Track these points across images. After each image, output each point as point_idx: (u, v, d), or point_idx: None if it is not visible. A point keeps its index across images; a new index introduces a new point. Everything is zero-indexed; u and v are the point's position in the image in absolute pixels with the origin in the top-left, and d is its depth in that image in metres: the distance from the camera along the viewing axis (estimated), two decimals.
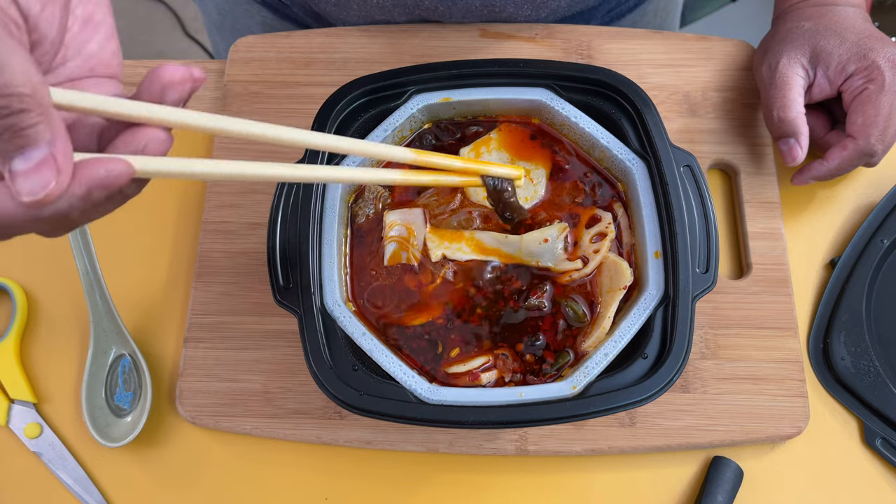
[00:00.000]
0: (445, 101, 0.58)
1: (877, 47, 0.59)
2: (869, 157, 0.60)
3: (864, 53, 0.59)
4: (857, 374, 0.60)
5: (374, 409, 0.49)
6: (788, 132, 0.60)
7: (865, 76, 0.59)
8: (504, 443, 0.58)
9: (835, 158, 0.60)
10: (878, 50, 0.59)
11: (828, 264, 0.64)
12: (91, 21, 0.37)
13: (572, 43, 0.70)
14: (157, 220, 0.66)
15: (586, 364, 0.50)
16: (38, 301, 0.64)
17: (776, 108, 0.61)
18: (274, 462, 0.59)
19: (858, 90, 0.59)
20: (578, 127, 0.57)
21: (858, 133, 0.59)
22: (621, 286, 0.53)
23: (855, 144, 0.59)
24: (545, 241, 0.55)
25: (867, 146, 0.59)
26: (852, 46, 0.59)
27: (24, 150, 0.30)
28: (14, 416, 0.60)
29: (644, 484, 0.58)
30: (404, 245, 0.55)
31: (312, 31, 0.70)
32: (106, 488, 0.59)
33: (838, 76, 0.60)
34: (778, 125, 0.61)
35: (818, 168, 0.62)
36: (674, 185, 0.54)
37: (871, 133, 0.58)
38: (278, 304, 0.52)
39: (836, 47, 0.60)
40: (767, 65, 0.63)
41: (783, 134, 0.61)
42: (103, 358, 0.60)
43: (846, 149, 0.60)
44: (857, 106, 0.59)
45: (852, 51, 0.59)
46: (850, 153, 0.60)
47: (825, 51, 0.60)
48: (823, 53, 0.60)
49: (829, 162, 0.61)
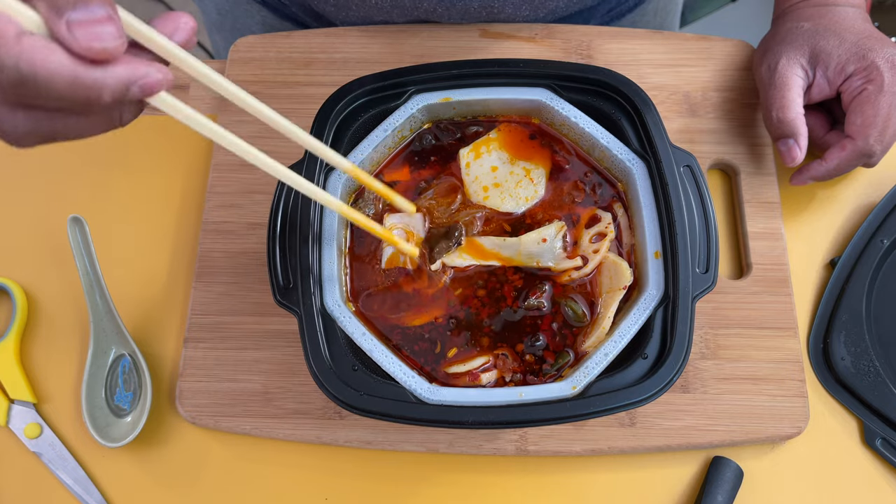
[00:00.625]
0: (445, 101, 0.58)
1: (876, 48, 0.59)
2: (868, 157, 0.60)
3: (864, 54, 0.59)
4: (857, 374, 0.60)
5: (374, 409, 0.49)
6: (787, 133, 0.60)
7: (864, 77, 0.59)
8: (504, 443, 0.58)
9: (833, 159, 0.61)
10: (878, 50, 0.59)
11: (828, 264, 0.64)
12: None
13: (572, 43, 0.70)
14: (157, 220, 0.66)
15: (586, 364, 0.50)
16: (38, 301, 0.64)
17: (775, 109, 0.61)
18: (274, 462, 0.59)
19: (857, 91, 0.59)
20: (578, 127, 0.57)
21: (857, 134, 0.59)
22: (621, 286, 0.53)
23: (854, 145, 0.59)
24: (543, 240, 0.55)
25: (866, 147, 0.59)
26: (851, 47, 0.60)
27: (86, 5, 0.31)
28: (14, 416, 0.60)
29: (644, 484, 0.58)
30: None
31: (312, 31, 0.70)
32: (106, 488, 0.59)
33: (837, 77, 0.60)
34: (777, 126, 0.61)
35: (817, 168, 0.62)
36: (674, 185, 0.54)
37: (870, 134, 0.58)
38: (278, 304, 0.52)
39: (836, 48, 0.60)
40: (767, 65, 0.63)
41: (782, 134, 0.61)
42: (103, 358, 0.60)
43: (845, 149, 0.60)
44: (856, 106, 0.59)
45: (851, 51, 0.59)
46: (849, 154, 0.60)
47: (824, 51, 0.60)
48: (823, 54, 0.60)
49: (828, 162, 0.61)
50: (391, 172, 0.59)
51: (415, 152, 0.59)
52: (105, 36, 0.31)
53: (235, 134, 0.42)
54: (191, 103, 0.70)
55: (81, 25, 0.31)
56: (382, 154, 0.58)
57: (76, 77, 0.31)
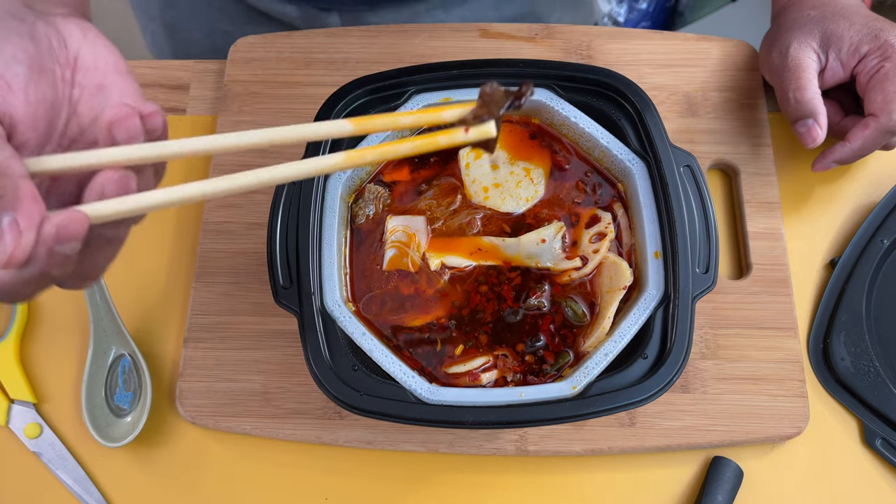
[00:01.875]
0: (445, 101, 0.58)
1: (887, 27, 0.59)
2: (892, 134, 0.59)
3: (876, 34, 0.59)
4: (857, 375, 0.60)
5: (374, 409, 0.49)
6: (806, 113, 0.59)
7: (880, 55, 0.58)
8: (504, 443, 0.58)
9: (857, 138, 0.59)
10: (889, 30, 0.59)
11: (828, 264, 0.64)
12: (102, 87, 0.38)
13: (572, 43, 0.70)
14: (157, 220, 0.66)
15: (586, 364, 0.50)
16: (38, 301, 0.64)
17: (792, 90, 0.60)
18: (274, 462, 0.59)
19: (875, 69, 0.59)
20: (578, 127, 0.57)
21: (880, 110, 0.58)
22: (621, 286, 0.53)
23: (877, 122, 0.58)
24: (542, 241, 0.55)
25: (890, 123, 0.58)
26: (862, 28, 0.59)
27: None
28: (14, 416, 0.60)
29: (644, 484, 0.58)
30: (404, 251, 0.55)
31: (312, 31, 0.70)
32: (106, 488, 0.59)
33: (851, 58, 0.60)
34: (795, 107, 0.60)
35: (840, 151, 0.60)
36: (674, 186, 0.54)
37: (894, 109, 0.58)
38: (278, 304, 0.52)
39: (847, 30, 0.60)
40: (778, 51, 0.62)
41: (801, 115, 0.60)
42: (103, 358, 0.60)
43: (868, 127, 0.59)
44: (876, 84, 0.58)
45: (863, 32, 0.59)
46: (873, 132, 0.59)
47: (835, 34, 0.60)
48: (834, 37, 0.60)
49: (853, 143, 0.59)
50: (391, 173, 0.59)
51: None
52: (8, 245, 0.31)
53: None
54: (191, 103, 0.70)
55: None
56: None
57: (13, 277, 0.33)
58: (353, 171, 0.56)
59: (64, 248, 0.33)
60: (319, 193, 0.54)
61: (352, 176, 0.56)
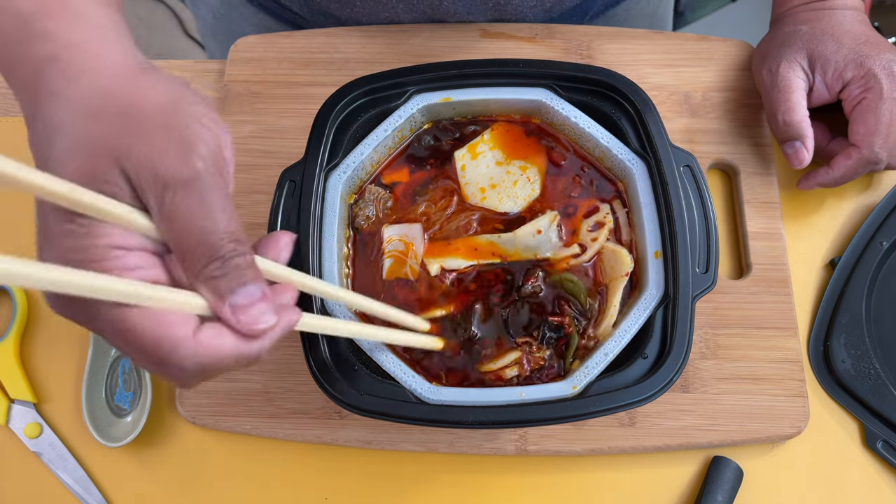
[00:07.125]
0: (445, 101, 0.58)
1: (872, 54, 0.59)
2: (874, 164, 0.60)
3: (861, 61, 0.59)
4: (858, 377, 0.60)
5: (374, 409, 0.49)
6: (794, 135, 0.61)
7: (863, 85, 0.59)
8: (504, 443, 0.58)
9: (840, 167, 0.61)
10: (874, 57, 0.59)
11: (828, 265, 0.64)
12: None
13: (572, 43, 0.70)
14: None
15: (586, 364, 0.50)
16: (38, 301, 0.64)
17: (780, 112, 0.61)
18: (274, 462, 0.59)
19: (857, 100, 0.59)
20: (578, 127, 0.57)
21: (862, 142, 0.59)
22: (623, 273, 0.53)
23: (859, 153, 0.59)
24: (538, 232, 0.55)
25: (871, 155, 0.59)
26: (849, 53, 0.60)
27: (244, 287, 0.34)
28: (14, 416, 0.60)
29: (644, 484, 0.58)
30: (402, 260, 0.55)
31: (312, 31, 0.70)
32: (106, 488, 0.59)
33: (836, 83, 0.60)
34: (783, 129, 0.61)
35: (824, 176, 0.62)
36: (674, 186, 0.54)
37: (874, 142, 0.59)
38: None
39: (834, 53, 0.60)
40: (767, 69, 0.63)
41: (789, 137, 0.61)
42: (103, 358, 0.60)
43: (850, 158, 0.60)
44: (858, 115, 0.59)
45: (849, 57, 0.60)
46: (855, 162, 0.60)
47: (822, 56, 0.60)
48: (821, 58, 0.60)
49: (835, 171, 0.61)
50: (391, 173, 0.59)
51: (414, 153, 0.59)
52: (263, 317, 0.35)
53: (236, 134, 0.42)
54: None
55: (242, 309, 0.34)
56: (382, 154, 0.58)
57: (240, 353, 0.35)
58: (354, 170, 0.56)
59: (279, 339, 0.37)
60: (319, 193, 0.54)
61: (352, 176, 0.56)
